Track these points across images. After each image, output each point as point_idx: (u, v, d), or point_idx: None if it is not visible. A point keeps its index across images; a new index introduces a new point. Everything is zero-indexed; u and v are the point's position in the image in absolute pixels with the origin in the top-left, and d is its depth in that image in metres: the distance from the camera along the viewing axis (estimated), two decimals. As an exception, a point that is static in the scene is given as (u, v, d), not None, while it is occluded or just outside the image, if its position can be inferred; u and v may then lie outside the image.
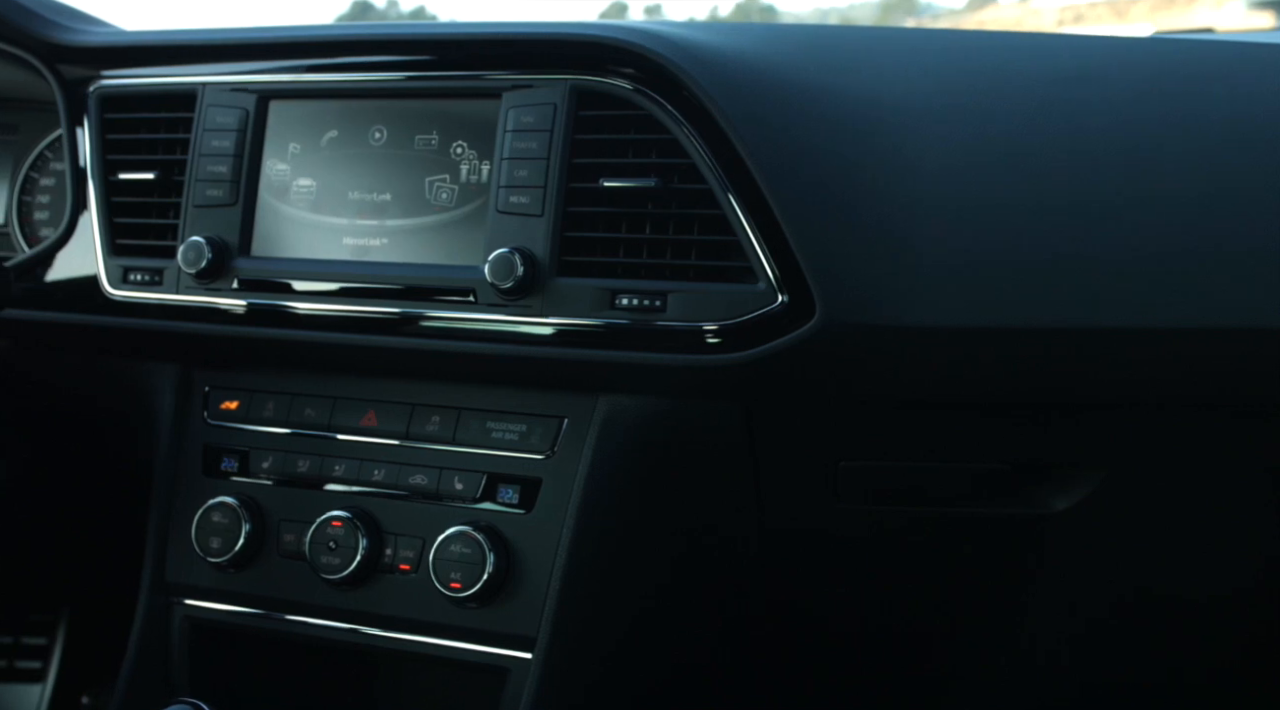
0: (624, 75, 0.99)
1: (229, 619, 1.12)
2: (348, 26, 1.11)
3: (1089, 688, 1.24)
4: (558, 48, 1.01)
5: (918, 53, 1.09)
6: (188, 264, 1.09)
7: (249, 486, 1.12)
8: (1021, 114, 1.01)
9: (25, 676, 1.85)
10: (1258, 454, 1.07)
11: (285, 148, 1.11)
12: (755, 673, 1.22)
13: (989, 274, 0.95)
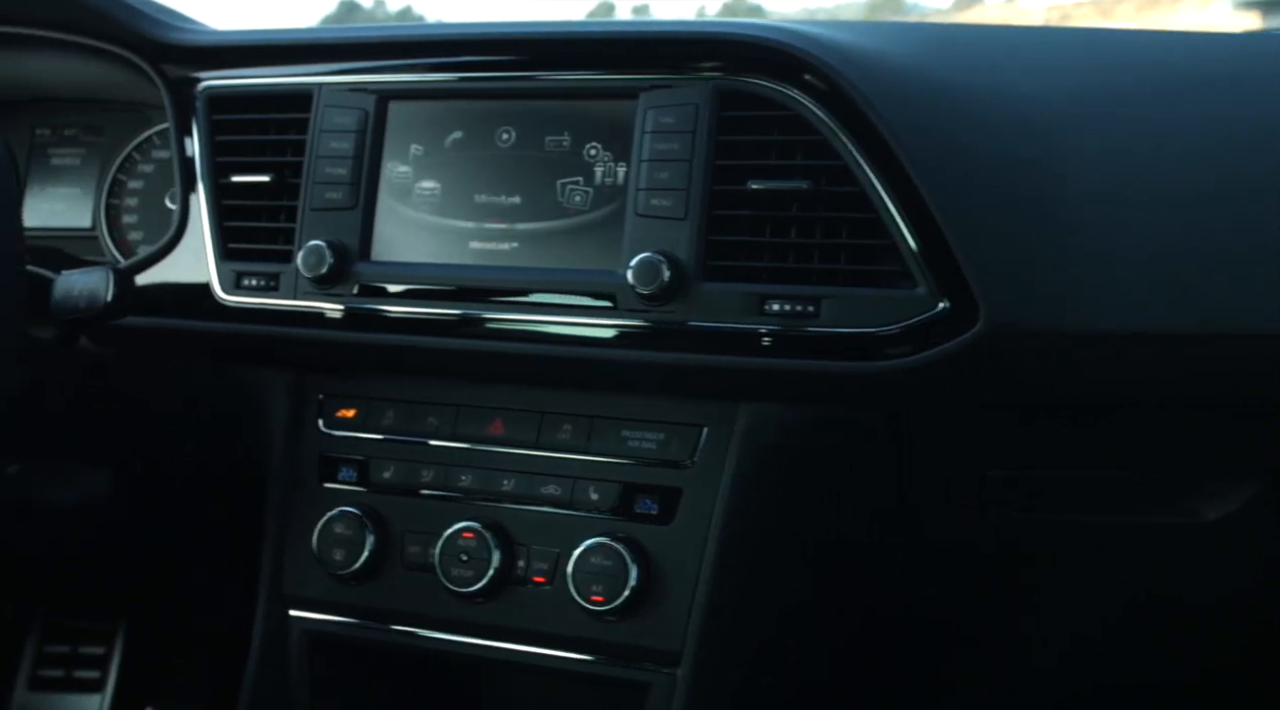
0: (770, 75, 0.97)
1: (350, 632, 1.09)
2: (471, 24, 1.08)
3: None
4: (702, 47, 0.99)
5: (1049, 50, 1.07)
6: (308, 268, 1.06)
7: (370, 497, 1.09)
8: (1167, 111, 0.99)
9: (84, 686, 1.83)
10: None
11: (406, 149, 1.08)
12: (885, 681, 1.20)
13: (1150, 275, 0.93)
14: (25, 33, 1.30)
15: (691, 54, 0.99)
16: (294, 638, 1.10)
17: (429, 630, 1.07)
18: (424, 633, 1.07)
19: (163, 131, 1.36)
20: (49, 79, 1.39)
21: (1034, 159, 0.95)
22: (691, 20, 1.01)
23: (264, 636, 1.09)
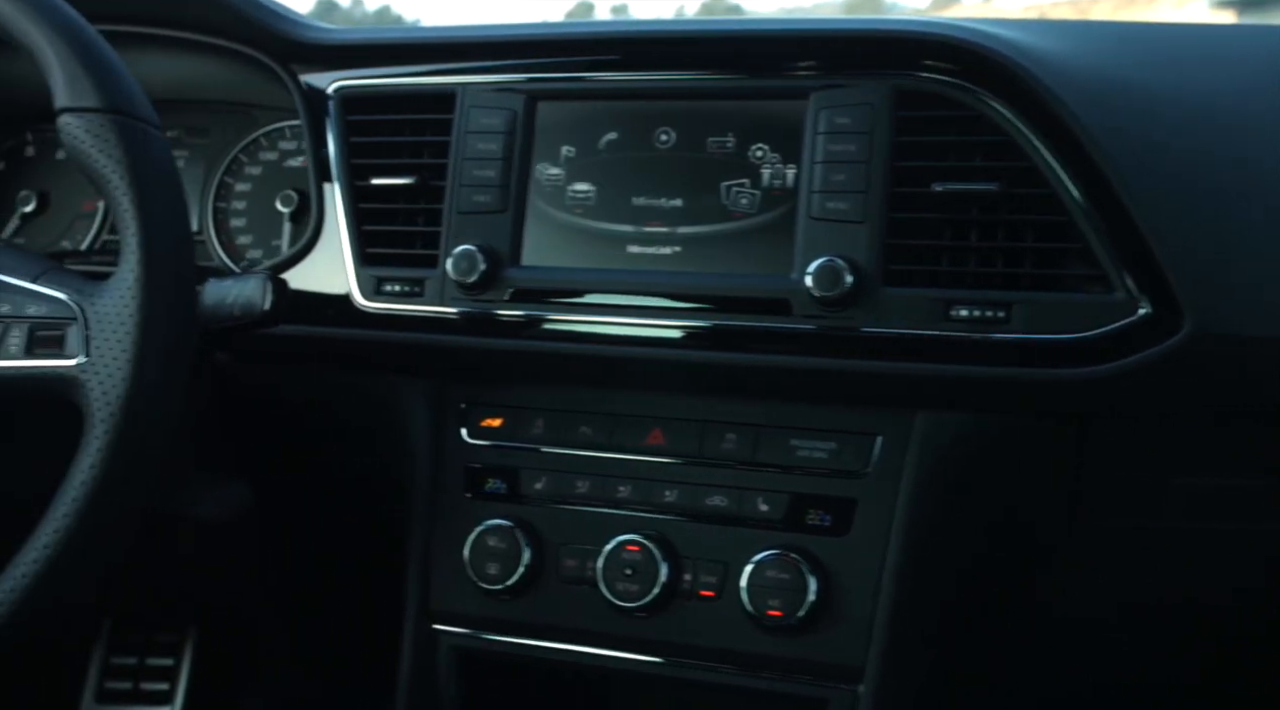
0: (955, 75, 0.94)
1: (501, 648, 1.06)
2: (626, 23, 1.06)
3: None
4: (881, 46, 0.96)
5: (1215, 46, 1.05)
6: (460, 274, 1.03)
7: (522, 508, 1.06)
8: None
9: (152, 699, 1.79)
10: None
11: (557, 151, 1.05)
12: (1058, 688, 1.17)
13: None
14: (137, 31, 1.26)
15: (869, 53, 0.97)
16: (442, 654, 1.07)
17: (588, 646, 1.03)
18: (583, 649, 1.04)
19: (270, 133, 1.33)
20: (152, 79, 1.34)
21: (1228, 157, 0.92)
22: (867, 19, 0.98)
23: (413, 654, 1.06)
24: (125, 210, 0.83)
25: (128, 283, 0.83)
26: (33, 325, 0.85)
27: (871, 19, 0.98)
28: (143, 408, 0.81)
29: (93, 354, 0.82)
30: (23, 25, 0.86)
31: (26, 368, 0.84)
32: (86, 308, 0.84)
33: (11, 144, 1.40)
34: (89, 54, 0.86)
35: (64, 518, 0.80)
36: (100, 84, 0.85)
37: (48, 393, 0.84)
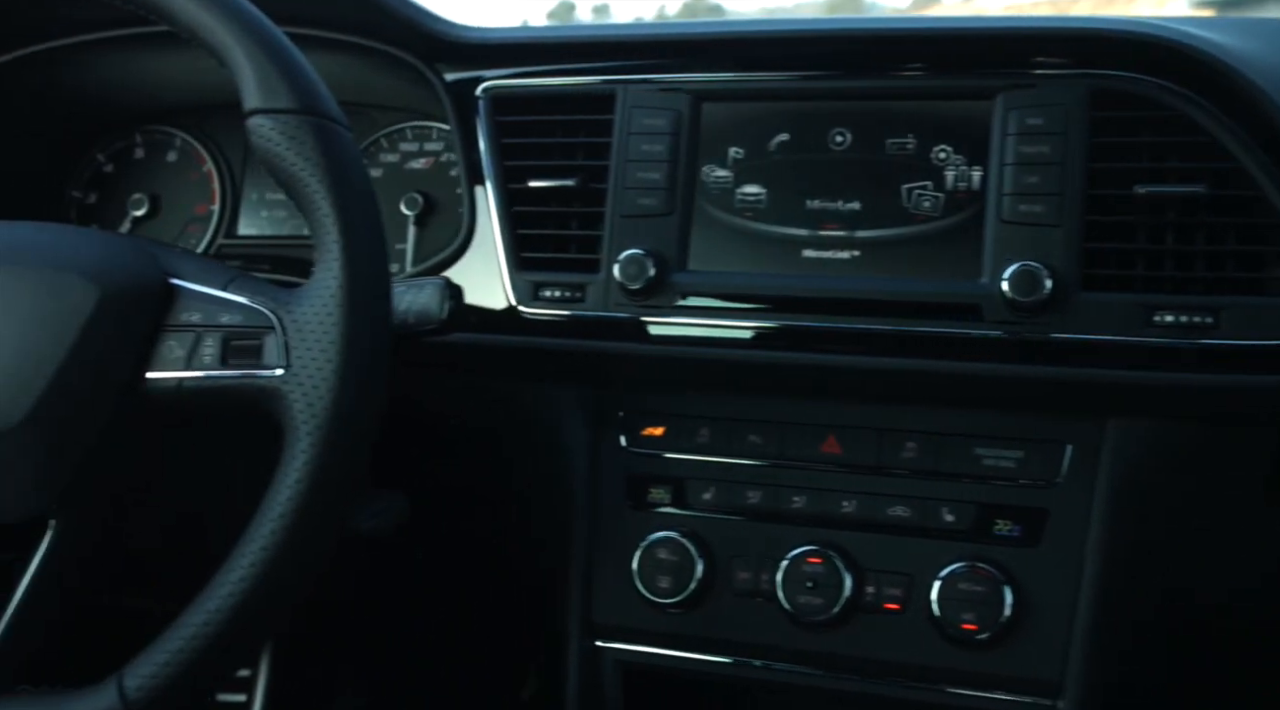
0: (1157, 75, 0.92)
1: (668, 663, 1.03)
2: (798, 21, 1.03)
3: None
4: (1077, 45, 0.94)
5: None
6: (629, 279, 1.00)
7: (689, 520, 1.03)
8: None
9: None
10: None
11: (724, 152, 1.02)
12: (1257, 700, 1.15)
13: None
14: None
15: (1063, 53, 0.94)
16: (606, 670, 1.04)
17: (763, 660, 1.01)
18: (758, 663, 1.01)
19: (390, 134, 1.30)
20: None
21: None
22: (1059, 18, 0.96)
23: (580, 671, 1.03)
24: (325, 214, 0.80)
25: (330, 290, 0.80)
26: (227, 334, 0.82)
27: (1064, 18, 0.96)
28: (347, 419, 0.78)
29: (294, 364, 0.79)
30: (210, 26, 0.83)
31: (222, 378, 0.81)
32: (284, 316, 0.81)
33: (120, 146, 1.36)
34: (280, 54, 0.83)
35: (270, 534, 0.77)
36: (293, 84, 0.82)
37: (244, 404, 0.81)
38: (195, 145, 1.35)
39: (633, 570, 1.02)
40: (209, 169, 1.34)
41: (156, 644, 0.79)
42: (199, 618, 0.78)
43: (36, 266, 0.82)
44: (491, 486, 1.14)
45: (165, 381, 0.82)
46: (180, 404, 0.82)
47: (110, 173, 1.37)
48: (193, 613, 0.78)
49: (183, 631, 0.78)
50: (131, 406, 0.82)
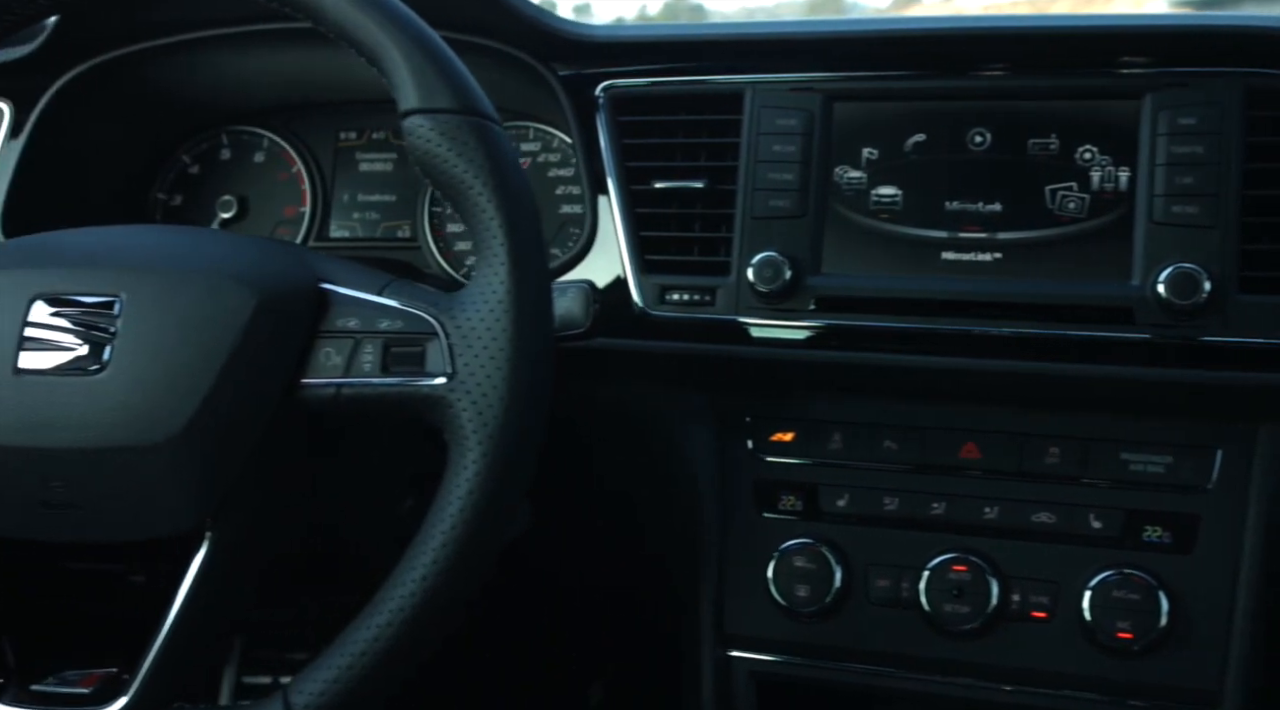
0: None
1: (803, 673, 1.01)
2: (934, 19, 1.01)
3: None
4: (1232, 43, 0.92)
5: None
6: (764, 281, 0.98)
7: (823, 527, 1.01)
8: None
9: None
10: None
11: (857, 153, 1.01)
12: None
13: None
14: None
15: (1216, 51, 0.93)
16: (739, 680, 1.02)
17: (903, 670, 0.99)
18: (898, 673, 0.99)
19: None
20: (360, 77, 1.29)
21: None
22: (1210, 15, 0.95)
23: (714, 681, 1.01)
24: (490, 217, 0.78)
25: (497, 295, 0.78)
26: (387, 341, 0.79)
27: (1214, 16, 0.94)
28: (518, 428, 0.76)
29: (459, 371, 0.77)
30: (362, 24, 0.81)
31: (382, 385, 0.79)
32: (446, 322, 0.78)
33: (205, 147, 1.34)
34: (437, 54, 0.81)
35: (442, 546, 0.75)
36: (452, 84, 0.80)
37: (404, 412, 0.79)
38: (284, 146, 1.32)
39: (767, 578, 1.00)
40: (298, 170, 1.32)
41: (322, 660, 0.76)
42: (368, 633, 0.76)
43: (192, 272, 0.80)
44: (613, 493, 1.12)
45: (323, 389, 0.79)
46: (337, 412, 0.79)
47: (195, 174, 1.34)
48: (361, 628, 0.76)
49: (351, 647, 0.76)
50: (287, 415, 0.80)
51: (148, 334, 0.78)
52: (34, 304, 0.80)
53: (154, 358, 0.77)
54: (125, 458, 0.77)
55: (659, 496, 1.08)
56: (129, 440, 0.77)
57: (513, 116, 1.26)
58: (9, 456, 0.78)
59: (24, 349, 0.79)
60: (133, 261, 0.81)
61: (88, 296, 0.80)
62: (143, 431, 0.77)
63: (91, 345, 0.78)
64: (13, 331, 0.79)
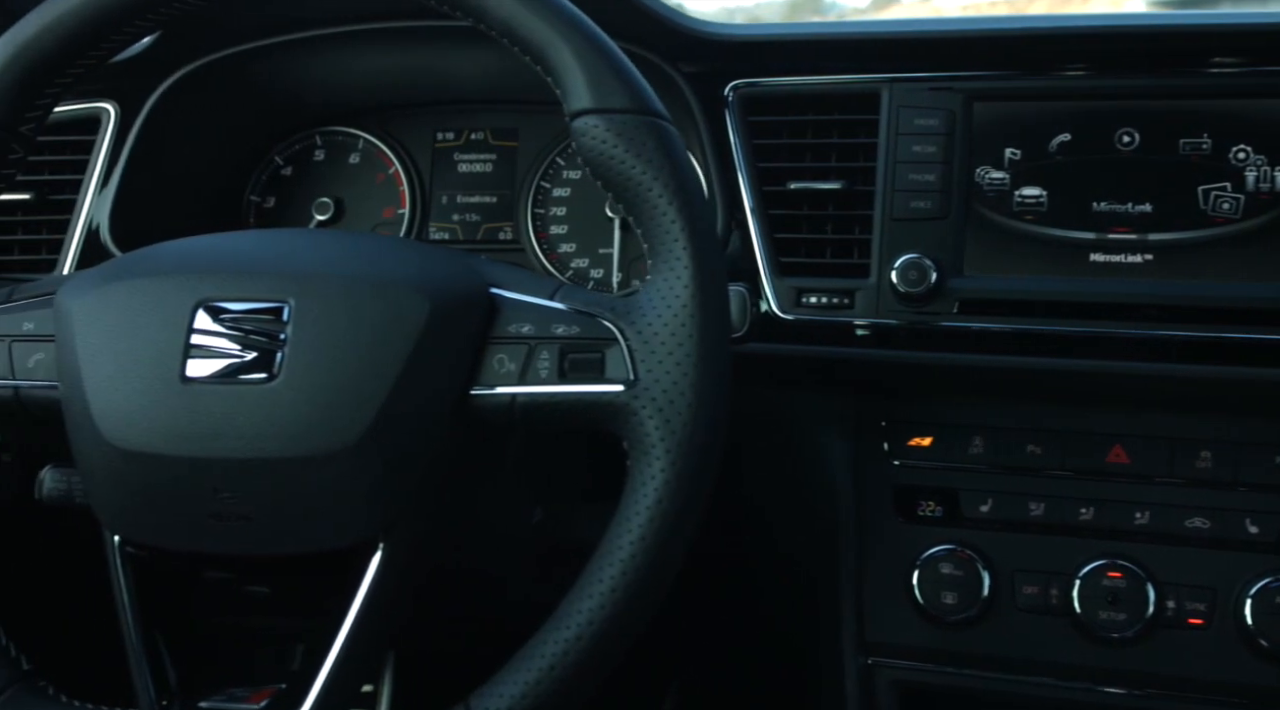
0: None
1: (953, 682, 0.99)
2: (1078, 18, 1.00)
3: None
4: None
5: None
6: (909, 284, 0.96)
7: (965, 533, 1.00)
8: None
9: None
10: None
11: (1000, 153, 0.99)
12: None
13: None
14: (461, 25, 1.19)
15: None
16: (881, 689, 1.00)
17: (1053, 678, 0.98)
18: (1047, 681, 0.98)
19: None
20: (459, 76, 1.27)
21: None
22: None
23: (858, 690, 0.99)
24: (670, 219, 0.76)
25: (680, 299, 0.76)
26: (563, 347, 0.77)
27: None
28: (704, 435, 0.75)
29: (643, 378, 0.75)
30: (530, 23, 0.79)
31: (560, 393, 0.77)
32: (626, 327, 0.76)
33: (299, 148, 1.31)
34: (608, 53, 0.79)
35: (631, 557, 0.73)
36: (626, 84, 0.78)
37: (583, 420, 0.77)
38: (380, 147, 1.30)
39: (912, 585, 0.99)
40: (396, 171, 1.30)
41: (506, 673, 0.74)
42: (555, 647, 0.74)
43: (363, 278, 0.78)
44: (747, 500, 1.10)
45: (497, 397, 0.77)
46: (510, 420, 0.77)
47: (288, 176, 1.32)
48: (546, 642, 0.74)
49: (538, 661, 0.74)
50: (461, 423, 0.77)
51: (320, 341, 0.76)
52: (199, 310, 0.78)
53: (327, 366, 0.75)
54: (298, 468, 0.75)
55: (794, 502, 1.06)
56: (303, 451, 0.75)
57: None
58: (177, 467, 0.76)
59: (191, 357, 0.76)
60: (300, 267, 0.79)
61: (255, 303, 0.77)
62: (317, 442, 0.74)
63: (261, 353, 0.76)
64: (178, 339, 0.77)
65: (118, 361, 0.77)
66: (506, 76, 1.26)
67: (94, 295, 0.80)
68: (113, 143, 1.15)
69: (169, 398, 0.76)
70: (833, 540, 1.03)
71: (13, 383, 0.82)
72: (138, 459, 0.76)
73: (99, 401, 0.77)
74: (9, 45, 0.83)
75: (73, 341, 0.79)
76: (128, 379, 0.77)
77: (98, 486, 0.79)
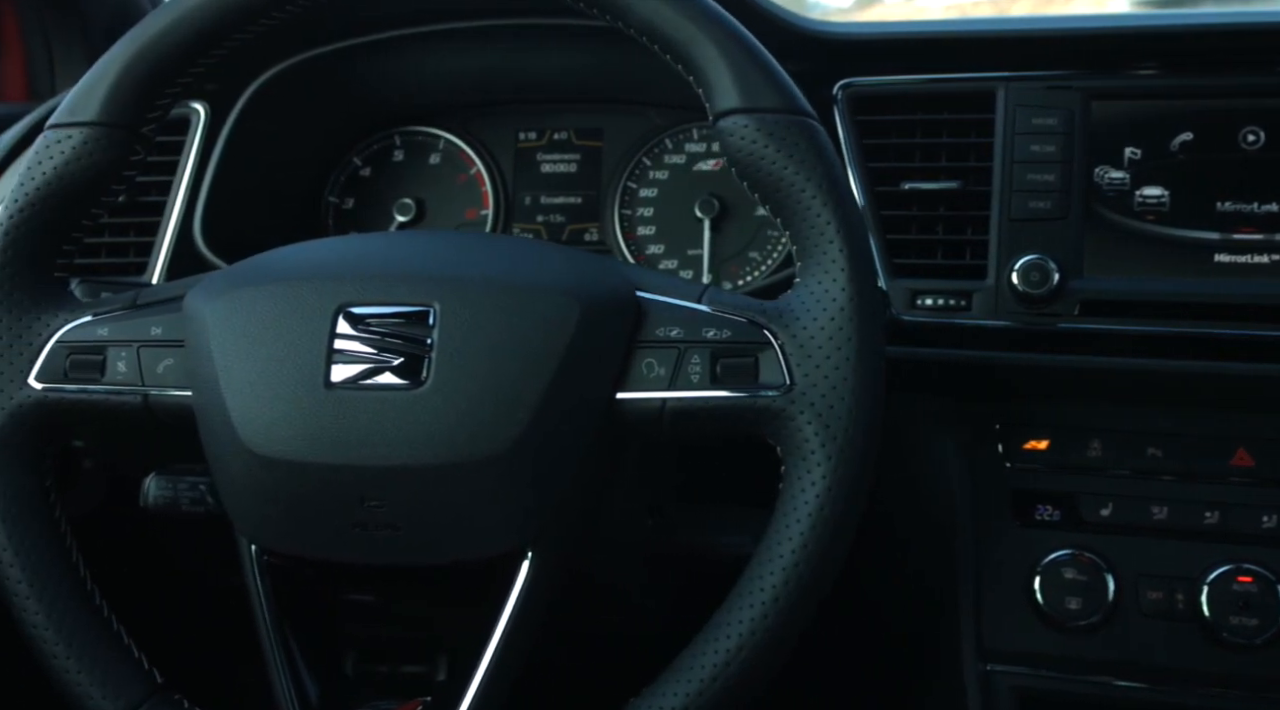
0: None
1: (1075, 689, 0.98)
2: (1199, 15, 0.98)
3: None
4: None
5: None
6: (1031, 285, 0.95)
7: (1085, 538, 0.99)
8: None
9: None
10: None
11: (1119, 152, 0.98)
12: None
13: None
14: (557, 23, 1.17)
15: None
16: (1001, 696, 0.99)
17: (1178, 684, 0.96)
18: (1171, 687, 0.96)
19: (674, 134, 1.24)
20: (542, 75, 1.26)
21: None
22: None
23: (979, 697, 0.98)
24: (825, 221, 0.75)
25: (837, 302, 0.74)
26: (714, 351, 0.76)
27: None
28: (864, 440, 0.73)
29: (800, 383, 0.74)
30: (675, 22, 0.77)
31: (713, 398, 0.75)
32: (779, 331, 0.75)
33: (378, 148, 1.30)
34: (756, 52, 0.77)
35: (795, 565, 0.72)
36: (776, 83, 0.77)
37: (736, 425, 0.75)
38: (461, 147, 1.28)
39: (1034, 590, 0.97)
40: (478, 172, 1.28)
41: (663, 685, 0.73)
42: (717, 658, 0.72)
43: (509, 281, 0.76)
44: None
45: (647, 402, 0.76)
46: (659, 426, 0.76)
47: (367, 177, 1.30)
48: (706, 653, 0.72)
49: (698, 672, 0.72)
50: (610, 429, 0.76)
51: (468, 346, 0.74)
52: (340, 315, 0.76)
53: (477, 371, 0.73)
54: (448, 476, 0.73)
55: (909, 506, 1.05)
56: (453, 458, 0.73)
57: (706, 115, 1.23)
58: (322, 475, 0.74)
59: (334, 362, 0.75)
60: (442, 270, 0.77)
61: (399, 307, 0.76)
62: (468, 448, 0.73)
63: (408, 358, 0.74)
64: (320, 344, 0.75)
65: (257, 367, 0.76)
66: (590, 75, 1.25)
67: (228, 299, 0.78)
68: (203, 144, 1.13)
69: (313, 404, 0.74)
70: (948, 545, 1.01)
71: (141, 389, 0.80)
72: (280, 466, 0.74)
73: (239, 408, 0.75)
74: (133, 44, 0.81)
75: (208, 346, 0.77)
76: (269, 385, 0.75)
77: (236, 494, 0.77)
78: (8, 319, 0.81)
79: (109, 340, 0.81)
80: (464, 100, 1.28)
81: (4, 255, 0.81)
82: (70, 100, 0.82)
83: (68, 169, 0.81)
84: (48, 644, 0.78)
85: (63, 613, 0.78)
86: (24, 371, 0.81)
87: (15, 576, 0.78)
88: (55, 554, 0.80)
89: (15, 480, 0.80)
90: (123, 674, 0.78)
